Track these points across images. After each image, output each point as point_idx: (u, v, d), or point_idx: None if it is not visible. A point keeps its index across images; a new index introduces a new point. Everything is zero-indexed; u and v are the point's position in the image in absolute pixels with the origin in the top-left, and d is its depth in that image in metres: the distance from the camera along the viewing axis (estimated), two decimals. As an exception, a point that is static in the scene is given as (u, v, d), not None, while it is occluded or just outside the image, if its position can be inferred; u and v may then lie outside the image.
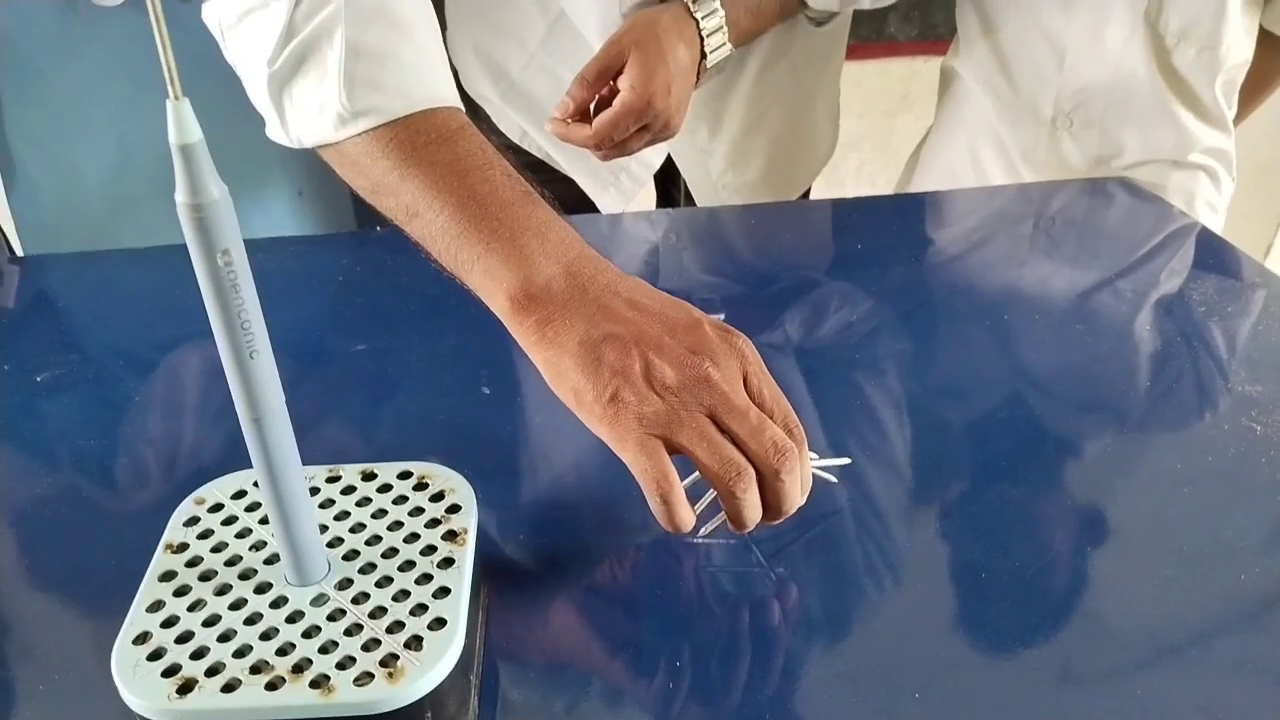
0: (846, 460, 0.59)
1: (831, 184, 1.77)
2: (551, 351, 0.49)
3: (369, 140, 0.55)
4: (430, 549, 0.46)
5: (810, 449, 0.51)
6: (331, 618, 0.42)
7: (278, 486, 0.40)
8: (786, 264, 0.84)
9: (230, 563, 0.45)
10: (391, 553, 0.45)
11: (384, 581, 0.44)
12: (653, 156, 1.05)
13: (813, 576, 0.52)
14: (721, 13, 0.86)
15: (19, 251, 1.09)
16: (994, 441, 0.62)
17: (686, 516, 0.47)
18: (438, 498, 0.49)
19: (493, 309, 0.52)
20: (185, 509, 0.48)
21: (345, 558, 0.45)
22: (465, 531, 0.47)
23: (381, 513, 0.48)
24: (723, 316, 0.61)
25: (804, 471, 0.49)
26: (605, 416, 0.47)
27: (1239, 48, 0.99)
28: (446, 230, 0.52)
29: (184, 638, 0.41)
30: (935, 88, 1.21)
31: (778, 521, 0.49)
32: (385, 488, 0.49)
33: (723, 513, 0.49)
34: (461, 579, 0.44)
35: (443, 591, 0.43)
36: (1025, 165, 1.10)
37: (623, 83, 0.81)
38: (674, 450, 0.47)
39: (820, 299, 0.77)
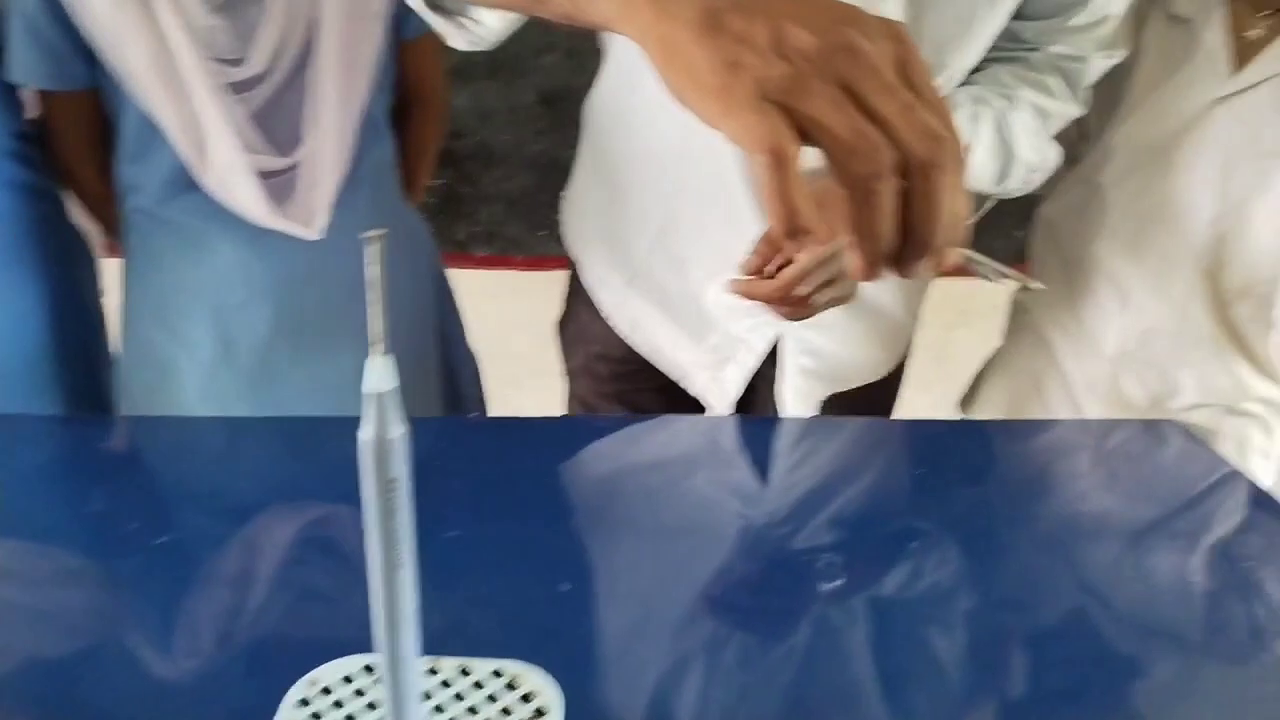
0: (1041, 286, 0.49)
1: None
2: (666, 26, 0.42)
3: None
4: (520, 748, 0.49)
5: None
6: (430, 810, 0.45)
7: (398, 682, 0.45)
8: (849, 480, 0.89)
9: (338, 745, 0.49)
10: (484, 749, 0.49)
11: (477, 777, 0.47)
12: (769, 330, 1.07)
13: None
14: None
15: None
16: (1042, 669, 0.64)
17: (805, 206, 0.39)
18: (527, 698, 0.52)
19: (602, 8, 0.45)
20: (299, 689, 0.52)
21: (443, 751, 0.49)
22: (552, 734, 0.50)
23: (474, 710, 0.52)
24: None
25: (959, 197, 0.40)
26: (716, 87, 0.40)
27: (1292, 309, 1.05)
28: None
29: (295, 816, 0.45)
30: (991, 305, 1.28)
31: (916, 262, 0.40)
32: (478, 684, 0.53)
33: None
34: (548, 780, 0.47)
35: (530, 792, 0.47)
36: (1087, 397, 1.15)
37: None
38: (800, 129, 0.39)
39: (877, 519, 0.81)
